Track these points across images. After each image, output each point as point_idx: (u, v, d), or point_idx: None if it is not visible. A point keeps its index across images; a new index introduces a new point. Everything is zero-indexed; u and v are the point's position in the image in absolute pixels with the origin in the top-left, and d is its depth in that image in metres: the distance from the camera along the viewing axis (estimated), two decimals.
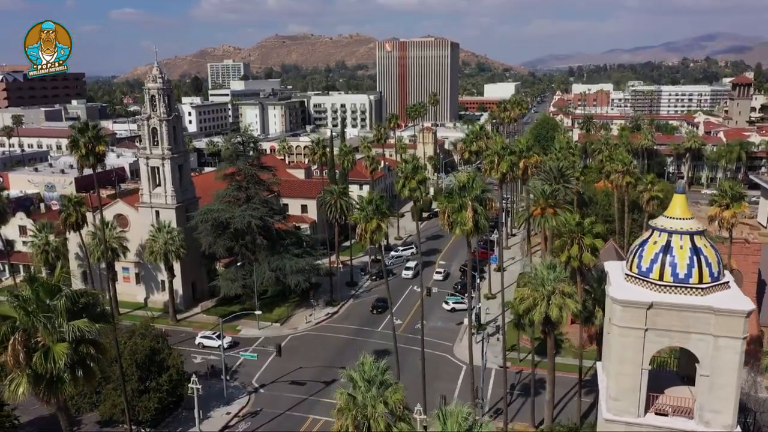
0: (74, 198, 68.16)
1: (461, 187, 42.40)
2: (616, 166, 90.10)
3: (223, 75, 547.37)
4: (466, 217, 41.10)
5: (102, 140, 58.15)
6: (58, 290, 31.91)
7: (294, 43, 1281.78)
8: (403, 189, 52.81)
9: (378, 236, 46.14)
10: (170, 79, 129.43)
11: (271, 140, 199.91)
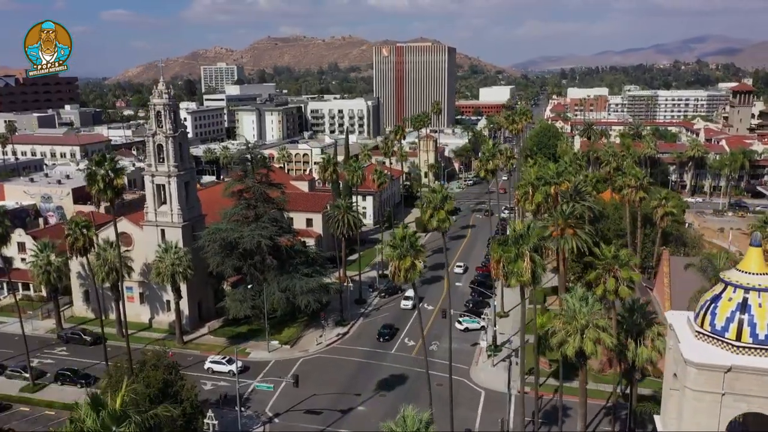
0: (81, 221, 65.77)
1: (518, 237, 40.30)
2: (629, 180, 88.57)
3: (216, 78, 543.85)
4: (524, 268, 39.20)
5: (120, 172, 55.98)
6: (126, 417, 27.92)
7: (286, 45, 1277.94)
8: (431, 220, 50.79)
9: (412, 275, 44.18)
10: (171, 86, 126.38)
11: (269, 147, 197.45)
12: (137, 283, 79.89)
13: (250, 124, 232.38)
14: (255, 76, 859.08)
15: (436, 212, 50.21)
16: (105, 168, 53.55)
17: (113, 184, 53.83)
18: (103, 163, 53.76)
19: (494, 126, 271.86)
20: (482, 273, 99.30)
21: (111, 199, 55.94)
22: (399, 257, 43.10)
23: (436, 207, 50.02)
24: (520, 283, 40.71)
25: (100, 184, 53.28)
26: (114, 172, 54.22)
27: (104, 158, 54.82)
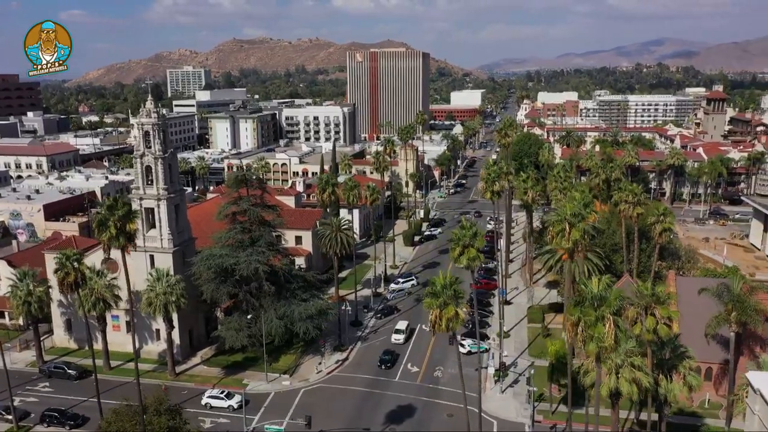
0: (72, 254, 61.54)
1: (597, 299, 37.69)
2: (625, 195, 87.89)
3: (183, 82, 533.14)
4: (606, 333, 36.74)
5: (134, 216, 52.16)
6: None
7: (252, 47, 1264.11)
8: (460, 258, 48.37)
9: (455, 324, 41.75)
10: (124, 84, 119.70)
11: (245, 156, 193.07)
12: (124, 311, 75.74)
13: (223, 132, 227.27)
14: (221, 79, 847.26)
15: (466, 250, 47.77)
16: (117, 213, 49.69)
17: (126, 229, 50.10)
18: (116, 207, 49.89)
19: (467, 132, 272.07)
20: (478, 290, 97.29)
21: (123, 246, 51.87)
22: (441, 306, 40.64)
23: (466, 245, 47.61)
24: (599, 348, 37.80)
25: (112, 231, 49.46)
26: (127, 217, 50.48)
27: (116, 202, 50.91)
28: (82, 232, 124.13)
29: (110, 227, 49.69)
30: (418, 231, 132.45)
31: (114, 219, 49.65)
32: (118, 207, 50.58)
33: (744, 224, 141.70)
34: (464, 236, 47.87)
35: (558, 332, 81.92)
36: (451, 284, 42.99)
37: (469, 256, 47.99)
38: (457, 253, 48.50)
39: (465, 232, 48.09)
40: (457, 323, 42.24)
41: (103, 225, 50.50)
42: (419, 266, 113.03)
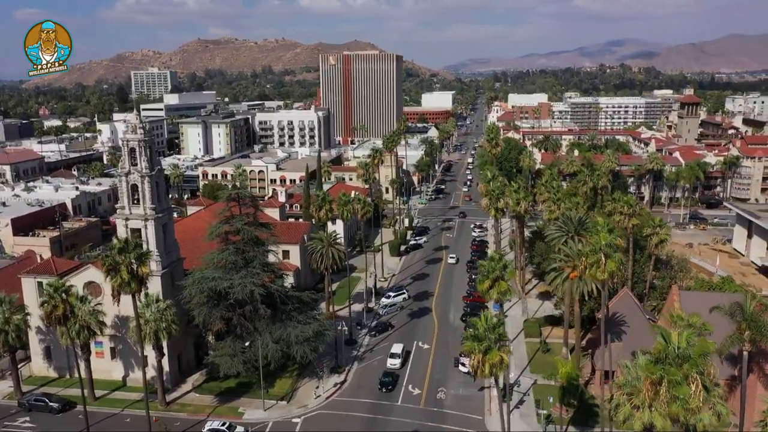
0: (60, 285, 57.38)
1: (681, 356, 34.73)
2: (620, 206, 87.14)
3: (148, 84, 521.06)
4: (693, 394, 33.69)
5: (146, 259, 48.38)
6: None
7: (217, 47, 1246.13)
8: (490, 291, 46.00)
9: (499, 370, 39.30)
10: (85, 86, 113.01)
11: (220, 163, 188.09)
12: (108, 337, 71.67)
13: (195, 137, 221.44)
14: (186, 80, 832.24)
15: (497, 284, 45.45)
16: (129, 255, 45.95)
17: (137, 273, 46.40)
18: (128, 249, 46.14)
19: (444, 135, 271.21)
20: (470, 303, 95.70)
21: (136, 291, 48.10)
22: (484, 351, 38.14)
23: (497, 278, 45.29)
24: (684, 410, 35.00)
25: (124, 276, 45.73)
26: (139, 260, 46.78)
27: (126, 244, 47.11)
28: (53, 248, 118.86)
29: (121, 272, 46.00)
30: (404, 240, 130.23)
31: (126, 262, 45.98)
32: (129, 249, 46.88)
33: (723, 228, 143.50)
34: (494, 268, 45.58)
35: (557, 347, 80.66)
36: (494, 327, 40.54)
37: (500, 289, 45.68)
38: (487, 286, 46.09)
39: (494, 264, 45.82)
40: (501, 369, 39.78)
41: (113, 270, 46.75)
42: (408, 278, 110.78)
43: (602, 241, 46.27)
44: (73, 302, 57.08)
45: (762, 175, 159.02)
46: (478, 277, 49.95)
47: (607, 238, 46.53)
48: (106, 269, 48.63)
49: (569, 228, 72.79)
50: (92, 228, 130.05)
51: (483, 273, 47.69)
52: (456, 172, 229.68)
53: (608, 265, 45.22)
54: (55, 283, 58.00)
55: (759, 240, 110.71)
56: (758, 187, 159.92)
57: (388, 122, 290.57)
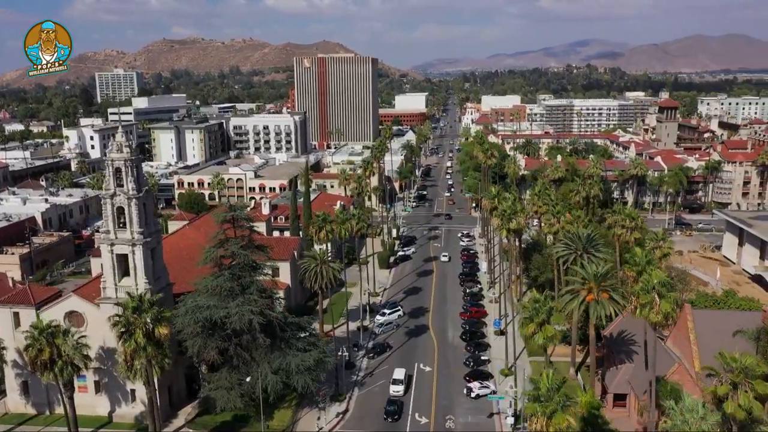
0: (47, 327, 52.31)
1: None
2: (621, 219, 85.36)
3: (113, 86, 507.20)
4: None
5: (164, 320, 43.70)
6: None
7: (183, 47, 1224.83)
8: (534, 337, 42.56)
9: None
10: (47, 87, 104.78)
11: (196, 171, 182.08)
12: (92, 370, 66.56)
13: (168, 143, 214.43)
14: (151, 80, 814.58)
15: (542, 328, 42.17)
16: (145, 316, 41.25)
17: (154, 335, 41.78)
18: (143, 308, 41.39)
19: (422, 138, 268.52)
20: (468, 320, 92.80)
21: (150, 356, 43.27)
22: (549, 415, 34.72)
23: (542, 322, 42.01)
24: None
25: (139, 339, 41.03)
26: (158, 321, 42.16)
27: (141, 300, 42.26)
28: (23, 265, 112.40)
29: (136, 335, 41.37)
30: (392, 251, 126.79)
31: (141, 324, 41.36)
32: (145, 308, 42.22)
33: (709, 234, 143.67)
34: (539, 311, 42.34)
35: (562, 366, 78.05)
36: (559, 387, 37.27)
37: (546, 334, 42.41)
38: (531, 330, 42.77)
39: (540, 306, 42.53)
40: None
41: (127, 333, 42.05)
42: (400, 292, 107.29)
43: (654, 279, 43.50)
44: (60, 343, 52.06)
45: (743, 179, 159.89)
46: (521, 320, 46.43)
47: (659, 275, 43.76)
48: (118, 332, 43.80)
49: (577, 246, 70.30)
50: (64, 243, 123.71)
51: (526, 316, 44.29)
52: (436, 176, 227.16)
53: (662, 306, 42.36)
54: (39, 324, 52.98)
55: (751, 248, 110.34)
56: (739, 192, 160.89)
57: (364, 125, 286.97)
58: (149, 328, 42.52)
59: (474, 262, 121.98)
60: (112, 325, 47.53)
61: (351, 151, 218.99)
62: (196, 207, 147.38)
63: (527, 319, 44.07)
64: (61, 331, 58.53)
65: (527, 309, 44.28)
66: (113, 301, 64.26)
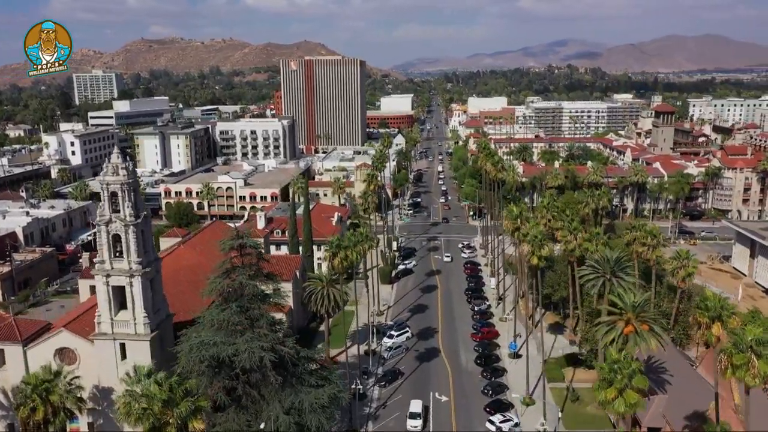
0: (41, 383, 46.70)
1: None
2: (642, 236, 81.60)
3: (92, 87, 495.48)
4: None
5: (199, 411, 38.30)
6: None
7: (162, 47, 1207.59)
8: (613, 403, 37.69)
9: None
10: (22, 88, 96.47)
11: (183, 179, 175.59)
12: (86, 411, 60.93)
13: (152, 149, 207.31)
14: (130, 80, 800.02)
15: (623, 393, 37.46)
16: (178, 409, 35.62)
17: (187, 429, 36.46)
18: (176, 401, 35.68)
19: (412, 143, 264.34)
20: (481, 342, 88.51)
21: None
22: None
23: (623, 387, 37.28)
24: None
25: None
26: (194, 412, 36.81)
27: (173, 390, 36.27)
28: (4, 286, 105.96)
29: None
30: (393, 264, 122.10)
31: (175, 419, 36.19)
32: (177, 398, 36.98)
33: (713, 243, 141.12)
34: (621, 371, 37.75)
35: (586, 394, 74.06)
36: None
37: (628, 401, 37.81)
38: (612, 396, 38.15)
39: (622, 367, 37.86)
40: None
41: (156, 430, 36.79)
42: (405, 310, 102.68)
43: (749, 336, 39.25)
44: (55, 400, 46.49)
45: (744, 186, 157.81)
46: (596, 383, 41.58)
47: (755, 332, 39.49)
48: (148, 429, 38.45)
49: (605, 269, 66.23)
50: (47, 260, 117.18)
51: (604, 378, 39.64)
52: (428, 181, 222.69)
53: (761, 367, 38.02)
54: (33, 379, 47.38)
55: (765, 261, 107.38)
56: (740, 198, 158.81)
57: (352, 129, 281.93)
58: (181, 423, 37.31)
59: (478, 276, 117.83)
60: (135, 420, 41.50)
61: (341, 156, 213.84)
62: (185, 218, 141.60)
63: (605, 382, 39.27)
64: (58, 384, 52.81)
65: (603, 370, 39.62)
66: (109, 338, 59.10)
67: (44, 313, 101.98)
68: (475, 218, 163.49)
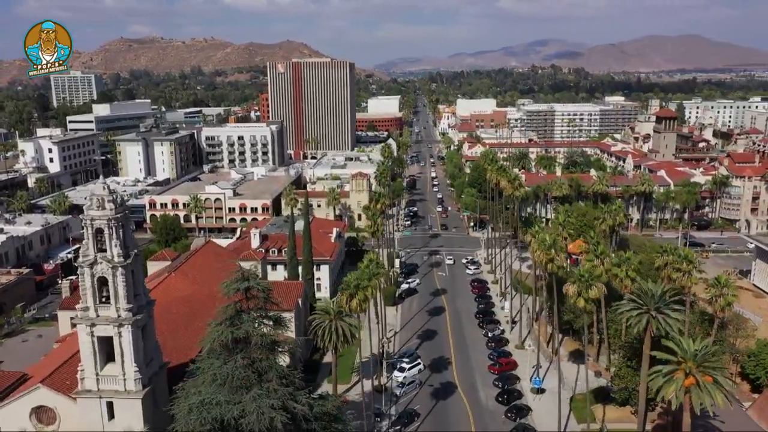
0: None
1: None
2: (676, 261, 75.37)
3: (70, 89, 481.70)
4: None
5: None
6: None
7: (142, 47, 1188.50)
8: None
9: None
10: (12, 95, 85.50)
11: (168, 189, 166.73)
12: None
13: (135, 157, 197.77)
14: (109, 81, 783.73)
15: None
16: None
17: None
18: None
19: (405, 148, 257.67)
20: (500, 374, 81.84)
21: None
22: None
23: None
24: None
25: None
26: None
27: None
28: None
29: None
30: (396, 283, 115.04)
31: None
32: None
33: (725, 255, 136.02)
34: None
35: None
36: None
37: None
38: None
39: None
40: None
41: None
42: (413, 336, 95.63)
43: None
44: None
45: (752, 194, 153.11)
46: None
47: None
48: None
49: (649, 305, 59.67)
50: (23, 282, 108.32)
51: None
52: (422, 188, 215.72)
53: None
54: None
55: None
56: (748, 207, 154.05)
57: (341, 133, 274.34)
58: None
59: (487, 296, 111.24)
60: None
61: (333, 163, 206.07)
62: (173, 233, 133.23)
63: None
64: None
65: None
66: (94, 395, 51.32)
67: (20, 344, 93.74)
68: (476, 229, 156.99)
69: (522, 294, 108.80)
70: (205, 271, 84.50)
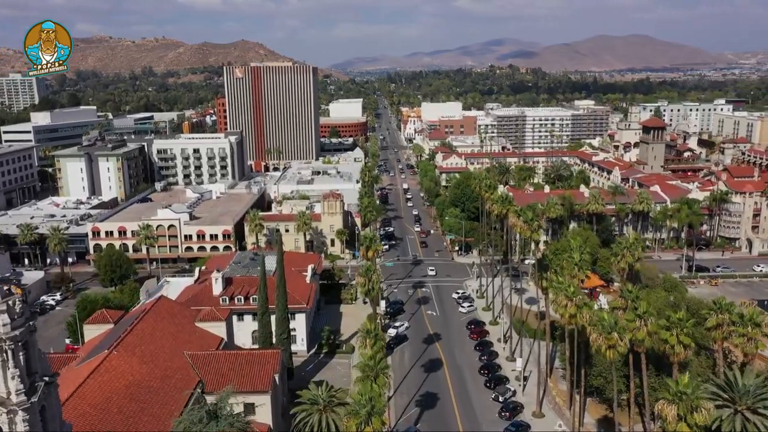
0: None
1: None
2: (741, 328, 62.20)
3: (9, 93, 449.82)
4: None
5: None
6: None
7: (89, 46, 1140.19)
8: None
9: None
10: None
11: (115, 215, 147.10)
12: None
13: (77, 173, 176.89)
14: (54, 82, 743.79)
15: None
16: None
17: None
18: None
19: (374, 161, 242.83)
20: (515, 424, 68.34)
21: None
22: None
23: None
24: None
25: None
26: None
27: None
28: None
29: None
30: (383, 327, 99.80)
31: None
32: None
33: (733, 281, 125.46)
34: None
35: None
36: None
37: None
38: None
39: None
40: None
41: None
42: (411, 405, 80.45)
43: None
44: None
45: (753, 211, 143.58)
46: None
47: None
48: None
49: (738, 401, 46.27)
50: None
51: None
52: (395, 203, 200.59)
53: None
54: None
55: None
56: (749, 225, 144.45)
57: (305, 142, 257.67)
58: None
59: (487, 342, 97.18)
60: None
61: (299, 177, 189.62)
62: (119, 270, 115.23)
63: None
64: None
65: None
66: None
67: None
68: (461, 254, 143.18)
69: (523, 336, 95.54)
70: (156, 342, 67.66)
